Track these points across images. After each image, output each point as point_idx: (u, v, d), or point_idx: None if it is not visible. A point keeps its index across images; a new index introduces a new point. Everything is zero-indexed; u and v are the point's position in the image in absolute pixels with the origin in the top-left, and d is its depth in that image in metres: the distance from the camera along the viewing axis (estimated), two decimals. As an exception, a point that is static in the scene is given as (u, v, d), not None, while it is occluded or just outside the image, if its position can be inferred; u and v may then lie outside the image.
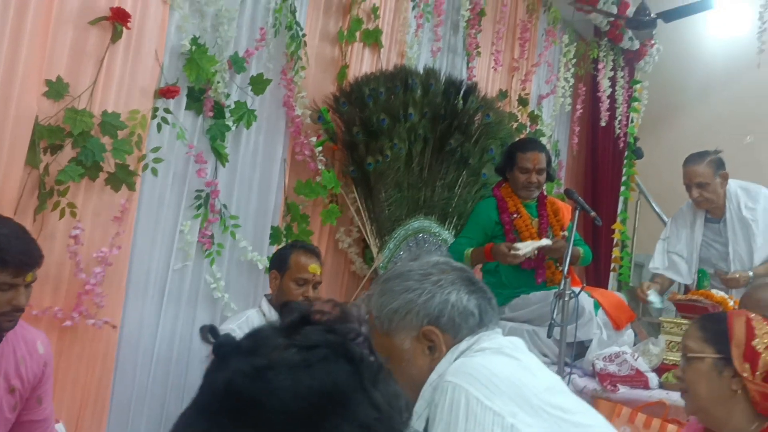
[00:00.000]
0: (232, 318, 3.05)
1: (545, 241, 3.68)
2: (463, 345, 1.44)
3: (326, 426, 0.71)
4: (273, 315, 2.88)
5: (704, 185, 3.90)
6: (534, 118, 5.75)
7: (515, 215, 3.87)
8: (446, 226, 4.43)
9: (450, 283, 1.49)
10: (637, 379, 3.24)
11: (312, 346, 0.73)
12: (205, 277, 3.46)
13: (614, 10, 5.93)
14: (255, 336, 0.76)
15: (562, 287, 3.25)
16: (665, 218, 6.33)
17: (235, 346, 0.75)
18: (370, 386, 0.74)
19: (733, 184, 3.96)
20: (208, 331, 0.80)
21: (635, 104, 7.10)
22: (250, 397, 0.70)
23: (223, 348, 0.76)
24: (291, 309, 0.79)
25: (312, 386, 0.71)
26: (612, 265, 6.69)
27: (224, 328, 2.71)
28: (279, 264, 2.96)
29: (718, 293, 3.43)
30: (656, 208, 6.96)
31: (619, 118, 6.83)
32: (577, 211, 3.65)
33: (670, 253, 4.09)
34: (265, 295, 3.16)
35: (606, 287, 6.60)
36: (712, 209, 3.99)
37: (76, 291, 2.83)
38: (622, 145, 6.98)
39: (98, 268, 2.86)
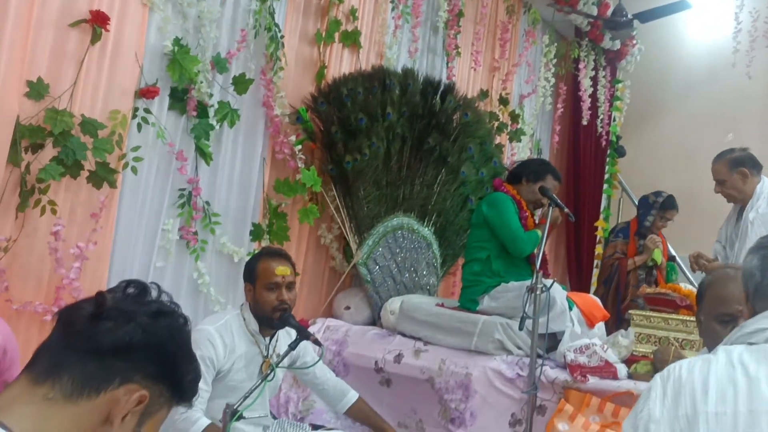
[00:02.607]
0: (211, 318, 2.91)
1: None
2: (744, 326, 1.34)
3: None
4: (252, 323, 2.81)
5: (721, 182, 4.04)
6: (515, 117, 5.84)
7: (526, 214, 3.96)
8: (425, 224, 4.52)
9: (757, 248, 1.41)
10: (606, 370, 3.32)
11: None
12: (191, 273, 3.55)
13: (594, 11, 6.03)
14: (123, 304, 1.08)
15: (534, 281, 3.33)
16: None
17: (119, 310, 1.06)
18: None
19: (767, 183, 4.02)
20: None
21: (617, 103, 7.19)
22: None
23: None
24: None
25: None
26: (595, 262, 6.78)
27: (202, 329, 2.76)
28: (249, 275, 2.84)
29: (686, 286, 3.53)
30: (639, 206, 7.05)
31: (601, 116, 6.93)
32: (551, 208, 3.73)
33: (717, 242, 4.21)
34: (249, 303, 2.92)
35: (589, 283, 6.71)
36: (743, 205, 4.07)
37: (56, 286, 2.92)
38: (604, 143, 7.08)
39: (76, 263, 2.94)
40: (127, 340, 1.03)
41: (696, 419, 1.17)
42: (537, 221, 4.03)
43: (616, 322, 4.51)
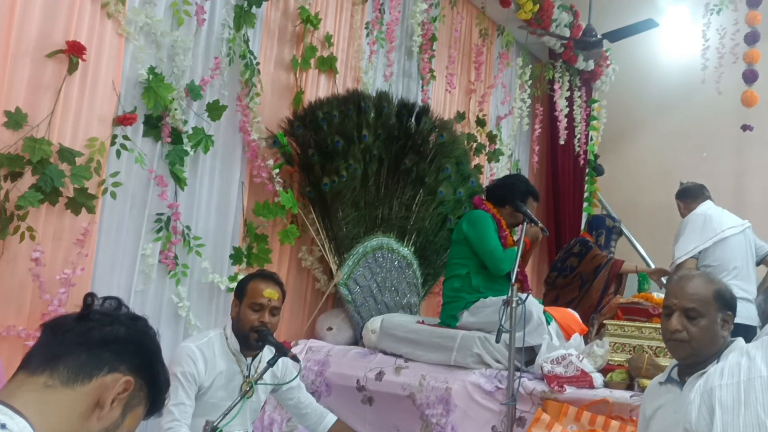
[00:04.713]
0: (194, 337, 3.02)
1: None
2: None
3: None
4: (233, 341, 2.86)
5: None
6: (492, 138, 5.95)
7: (506, 233, 4.03)
8: (405, 243, 4.59)
9: None
10: (582, 380, 3.37)
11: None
12: (171, 297, 3.59)
13: (567, 33, 6.17)
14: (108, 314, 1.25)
15: (510, 294, 3.39)
16: (627, 232, 6.56)
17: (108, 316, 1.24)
18: None
19: (705, 204, 4.70)
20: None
21: (594, 123, 7.33)
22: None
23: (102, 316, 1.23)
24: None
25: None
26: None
27: (184, 346, 2.82)
28: (239, 291, 2.91)
29: (658, 295, 3.60)
30: (618, 223, 7.15)
31: (579, 136, 7.05)
32: (525, 223, 3.80)
33: None
34: (232, 318, 3.03)
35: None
36: None
37: (39, 311, 2.96)
38: (582, 162, 7.19)
39: (62, 289, 2.99)
40: (114, 333, 1.21)
41: (713, 392, 1.59)
42: (516, 239, 4.10)
43: (591, 314, 4.59)
